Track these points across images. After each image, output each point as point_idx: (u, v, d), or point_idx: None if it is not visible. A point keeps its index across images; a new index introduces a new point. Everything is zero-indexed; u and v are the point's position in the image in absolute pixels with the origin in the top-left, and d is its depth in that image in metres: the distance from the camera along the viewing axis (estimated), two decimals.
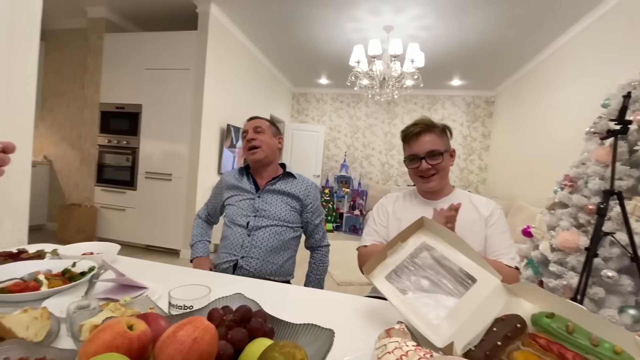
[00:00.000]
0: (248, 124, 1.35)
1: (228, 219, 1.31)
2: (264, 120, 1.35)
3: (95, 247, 0.94)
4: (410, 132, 1.07)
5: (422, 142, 1.04)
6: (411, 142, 1.07)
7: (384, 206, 1.18)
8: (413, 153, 1.06)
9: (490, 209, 1.05)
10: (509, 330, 0.49)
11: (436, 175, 1.05)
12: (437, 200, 1.08)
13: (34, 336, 0.49)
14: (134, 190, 3.63)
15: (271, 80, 5.16)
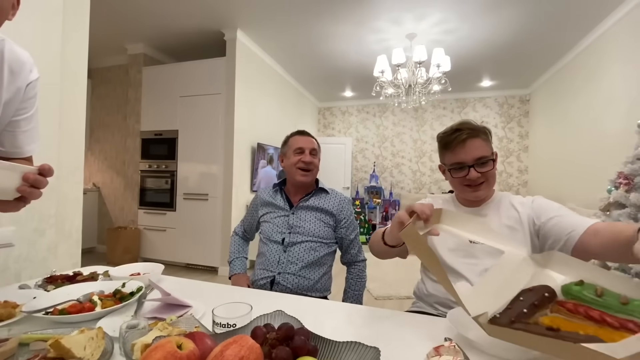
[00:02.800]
0: (303, 141, 1.34)
1: (264, 236, 1.32)
2: (314, 141, 1.36)
3: (142, 267, 0.98)
4: (454, 138, 0.96)
5: (469, 148, 0.94)
6: (456, 149, 0.96)
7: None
8: (459, 161, 0.96)
9: (530, 204, 0.96)
10: (536, 299, 0.50)
11: (485, 184, 0.96)
12: (479, 207, 1.02)
13: (90, 356, 0.52)
14: (174, 211, 3.82)
15: (297, 97, 5.29)
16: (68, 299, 0.74)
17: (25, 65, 0.73)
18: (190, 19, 3.24)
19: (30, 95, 0.75)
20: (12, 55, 0.70)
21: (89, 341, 0.53)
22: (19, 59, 0.72)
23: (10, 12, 0.63)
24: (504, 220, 0.94)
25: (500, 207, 0.98)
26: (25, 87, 0.73)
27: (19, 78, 0.72)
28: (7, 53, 0.69)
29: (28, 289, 0.85)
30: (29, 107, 0.75)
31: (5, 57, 0.69)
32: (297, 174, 1.32)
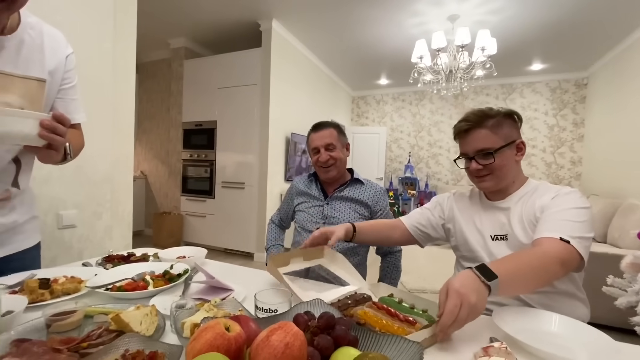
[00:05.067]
0: (317, 138, 1.30)
1: (299, 225, 1.34)
2: (333, 130, 1.31)
3: (187, 251, 1.04)
4: (458, 128, 0.94)
5: (470, 139, 0.90)
6: (460, 140, 0.94)
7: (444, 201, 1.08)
8: (462, 152, 0.94)
9: (553, 193, 0.85)
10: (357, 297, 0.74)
11: (490, 176, 0.90)
12: (502, 200, 0.94)
13: (145, 330, 0.56)
14: (213, 199, 4.00)
15: (331, 86, 5.24)
16: (124, 277, 0.81)
17: (61, 40, 0.84)
18: (228, 11, 3.31)
19: (70, 67, 0.86)
20: (50, 32, 0.82)
21: (144, 317, 0.57)
22: (55, 36, 0.83)
23: None
24: (524, 216, 0.86)
25: (527, 200, 0.88)
26: (65, 59, 0.84)
27: (58, 51, 0.83)
28: (45, 31, 0.80)
29: (90, 267, 0.94)
30: (71, 77, 0.87)
31: (45, 34, 0.79)
32: (320, 172, 1.34)
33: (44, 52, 0.79)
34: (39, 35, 0.78)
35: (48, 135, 0.64)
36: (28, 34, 0.76)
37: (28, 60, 0.75)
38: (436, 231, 1.06)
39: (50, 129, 0.64)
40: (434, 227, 1.06)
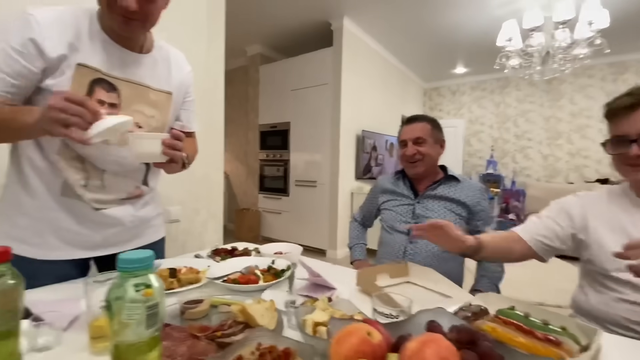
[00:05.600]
0: (407, 132, 1.24)
1: (386, 224, 1.30)
2: (426, 124, 1.23)
3: (284, 247, 1.08)
4: (617, 105, 0.77)
5: (634, 118, 0.74)
6: (620, 119, 0.77)
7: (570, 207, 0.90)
8: (620, 134, 0.77)
9: None
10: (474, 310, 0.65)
11: None
12: None
13: (268, 324, 0.58)
14: (287, 197, 4.17)
15: (401, 80, 5.04)
16: (233, 269, 0.87)
17: (183, 60, 0.96)
18: (301, 14, 3.40)
19: (190, 83, 0.97)
20: (175, 53, 0.94)
21: (265, 311, 0.59)
22: (179, 56, 0.95)
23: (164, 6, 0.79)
24: None
25: None
26: (187, 76, 0.96)
27: (182, 69, 0.94)
28: (171, 52, 0.92)
29: (202, 259, 1.03)
30: (191, 92, 0.99)
31: (171, 54, 0.91)
32: (405, 167, 1.27)
33: (171, 70, 0.90)
34: (166, 55, 0.89)
35: (170, 152, 0.72)
36: (159, 54, 0.87)
37: (159, 76, 0.86)
38: (564, 243, 0.88)
39: (171, 146, 0.72)
40: (561, 239, 0.88)
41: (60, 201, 0.77)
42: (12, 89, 0.68)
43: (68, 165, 0.76)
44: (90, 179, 0.79)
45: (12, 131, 0.67)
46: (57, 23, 0.70)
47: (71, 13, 0.73)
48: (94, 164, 0.79)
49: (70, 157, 0.76)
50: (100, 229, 0.83)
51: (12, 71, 0.67)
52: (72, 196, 0.78)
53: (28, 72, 0.68)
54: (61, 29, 0.70)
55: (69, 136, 0.59)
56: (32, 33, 0.67)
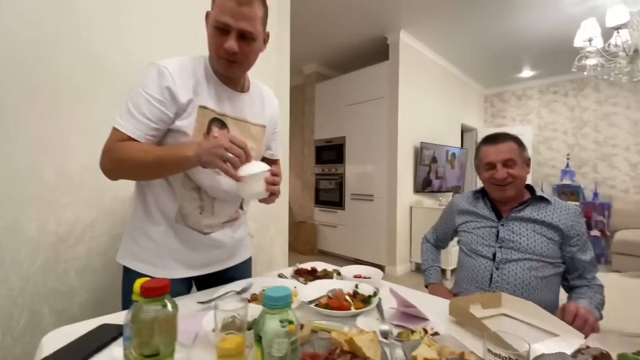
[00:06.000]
0: (493, 152, 1.16)
1: (466, 247, 1.24)
2: (513, 144, 1.16)
3: (363, 270, 1.09)
4: None
5: None
6: None
7: None
8: None
9: None
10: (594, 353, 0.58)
11: None
12: None
13: (373, 356, 0.59)
14: (343, 210, 4.20)
15: (460, 87, 4.83)
16: (320, 292, 0.89)
17: (273, 95, 1.05)
18: (356, 32, 3.46)
19: (278, 115, 1.06)
20: (266, 89, 1.03)
21: (370, 343, 0.60)
22: (269, 92, 1.04)
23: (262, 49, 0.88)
24: None
25: None
26: (276, 109, 1.05)
27: (272, 104, 1.03)
28: (263, 89, 1.02)
29: (285, 278, 1.08)
30: (279, 123, 1.08)
31: (263, 91, 1.01)
32: (493, 190, 1.19)
33: (264, 105, 0.99)
34: (260, 92, 0.99)
35: (271, 188, 0.78)
36: (255, 91, 0.97)
37: (256, 111, 0.96)
38: None
39: (272, 182, 0.78)
40: None
41: (175, 227, 0.88)
42: (153, 132, 0.79)
43: (188, 195, 0.87)
44: (205, 206, 0.89)
45: (167, 166, 0.77)
46: (183, 72, 0.81)
47: (190, 61, 0.84)
48: (208, 193, 0.89)
49: (190, 188, 0.86)
50: (206, 250, 0.93)
51: (154, 117, 0.78)
52: (183, 223, 0.88)
53: (166, 117, 0.79)
54: (186, 76, 0.81)
55: (224, 170, 0.69)
56: (167, 82, 0.78)
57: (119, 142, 0.77)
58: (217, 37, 0.78)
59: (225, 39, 0.77)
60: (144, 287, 0.45)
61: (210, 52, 0.83)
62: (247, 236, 1.08)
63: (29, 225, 1.17)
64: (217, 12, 0.77)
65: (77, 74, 1.27)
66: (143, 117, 0.77)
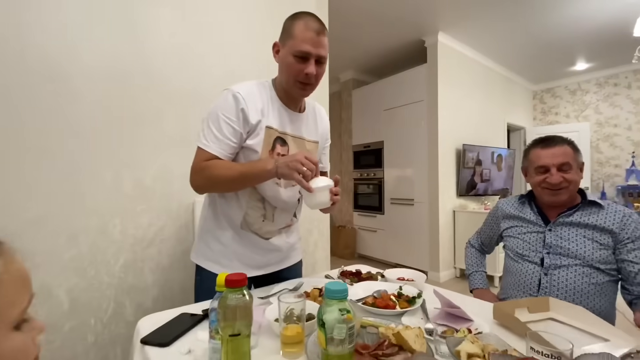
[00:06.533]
0: (547, 156, 1.13)
1: (512, 252, 1.23)
2: (567, 148, 1.13)
3: (406, 273, 1.14)
4: None
5: None
6: None
7: None
8: None
9: None
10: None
11: None
12: None
13: (419, 349, 0.65)
14: (382, 214, 4.20)
15: (505, 85, 4.62)
16: (366, 292, 0.96)
17: (324, 112, 1.16)
18: (392, 37, 3.49)
19: (328, 130, 1.17)
20: (318, 107, 1.13)
21: (415, 337, 0.66)
22: (321, 109, 1.14)
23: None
24: None
25: None
26: (326, 124, 1.15)
27: (323, 120, 1.14)
28: (316, 107, 1.12)
29: (332, 280, 1.16)
30: (329, 138, 1.18)
31: (316, 109, 1.12)
32: (544, 195, 1.16)
33: (317, 122, 1.10)
34: (313, 110, 1.10)
35: (335, 198, 0.88)
36: (309, 110, 1.07)
37: (310, 129, 1.07)
38: None
39: (335, 193, 0.88)
40: None
41: (240, 233, 1.00)
42: (233, 150, 0.92)
43: (253, 205, 0.99)
44: (267, 215, 1.01)
45: (249, 179, 0.89)
46: (252, 96, 0.92)
47: (257, 86, 0.96)
48: (270, 203, 1.00)
49: (256, 199, 0.99)
50: (265, 253, 1.04)
51: (233, 137, 0.90)
52: (248, 229, 1.01)
53: (241, 136, 0.91)
54: (255, 100, 0.93)
55: (298, 180, 0.80)
56: (241, 105, 0.89)
57: (206, 161, 0.89)
58: (297, 64, 0.88)
59: (305, 65, 0.88)
60: (228, 279, 0.55)
61: (286, 77, 0.93)
62: (298, 241, 1.19)
63: (114, 230, 1.38)
64: (296, 42, 0.87)
65: (150, 100, 1.47)
66: (225, 138, 0.89)
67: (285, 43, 0.91)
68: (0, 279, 0.33)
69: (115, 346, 1.38)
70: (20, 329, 0.35)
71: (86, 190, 1.31)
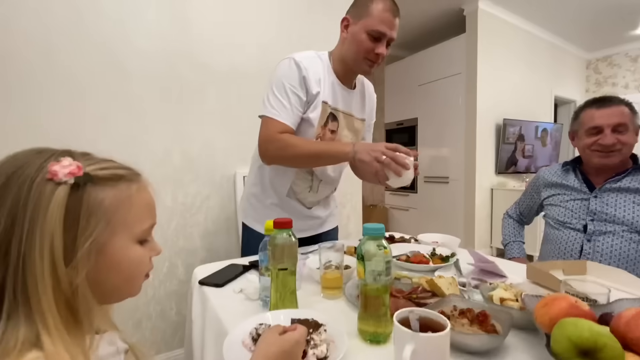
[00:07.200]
0: (601, 116, 1.06)
1: (553, 220, 1.20)
2: (624, 108, 1.05)
3: (439, 237, 1.16)
4: None
5: None
6: None
7: None
8: None
9: None
10: None
11: None
12: None
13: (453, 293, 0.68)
14: (415, 193, 4.14)
15: (553, 55, 4.25)
16: (399, 252, 1.00)
17: (372, 89, 1.16)
18: (427, 6, 3.33)
19: (374, 109, 1.17)
20: (368, 85, 1.13)
21: (448, 285, 0.70)
22: (370, 87, 1.15)
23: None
24: None
25: None
26: (374, 101, 1.16)
27: (371, 98, 1.15)
28: (365, 84, 1.12)
29: None
30: (374, 116, 1.19)
31: (365, 87, 1.12)
32: (593, 157, 1.10)
33: (365, 100, 1.11)
34: (362, 87, 1.10)
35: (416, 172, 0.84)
36: (359, 88, 1.08)
37: (359, 106, 1.09)
38: None
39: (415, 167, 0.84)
40: None
41: (284, 200, 1.07)
42: (298, 120, 0.93)
43: (302, 177, 1.04)
44: (312, 187, 1.08)
45: (323, 159, 0.90)
46: (313, 66, 0.93)
47: (314, 58, 0.96)
48: (317, 176, 1.06)
49: (305, 171, 1.04)
50: (306, 220, 1.12)
51: (299, 106, 0.92)
52: (293, 198, 1.08)
53: (303, 105, 0.92)
54: (315, 70, 0.94)
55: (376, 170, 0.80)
56: (303, 73, 0.91)
57: (280, 133, 0.88)
58: (370, 42, 0.88)
59: (377, 45, 0.89)
60: (276, 221, 0.62)
61: (354, 53, 0.92)
62: (335, 208, 1.26)
63: (166, 197, 1.53)
64: (374, 21, 0.87)
65: (194, 78, 1.57)
66: (292, 107, 0.90)
67: (359, 20, 0.90)
68: (132, 200, 0.41)
69: (170, 300, 1.55)
70: (142, 246, 0.43)
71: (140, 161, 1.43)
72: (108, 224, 0.37)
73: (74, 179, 0.35)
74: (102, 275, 0.38)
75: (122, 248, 0.39)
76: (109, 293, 0.40)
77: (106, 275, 0.39)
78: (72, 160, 0.36)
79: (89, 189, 0.36)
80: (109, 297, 0.41)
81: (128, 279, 0.42)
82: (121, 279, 0.41)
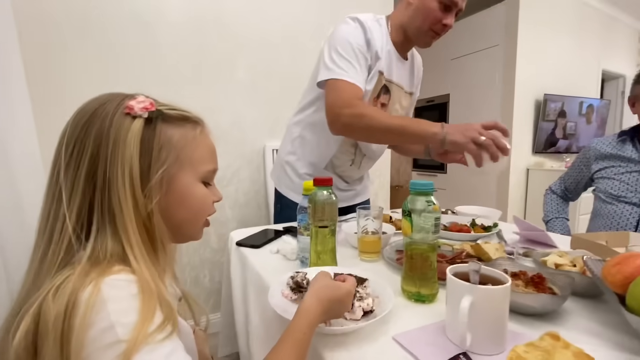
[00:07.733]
0: None
1: (605, 194, 1.11)
2: None
3: (478, 210, 1.12)
4: None
5: None
6: None
7: None
8: None
9: None
10: None
11: None
12: None
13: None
14: (444, 174, 4.01)
15: (603, 25, 3.87)
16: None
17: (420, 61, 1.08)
18: None
19: (420, 82, 1.11)
20: (417, 56, 1.05)
21: (496, 250, 0.66)
22: (418, 58, 1.07)
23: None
24: None
25: None
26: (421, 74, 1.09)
27: (419, 70, 1.08)
28: (415, 55, 1.04)
29: (397, 212, 1.19)
30: (418, 91, 1.13)
31: (415, 58, 1.04)
32: None
33: (414, 72, 1.04)
34: (412, 59, 1.02)
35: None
36: (411, 59, 1.01)
37: (409, 79, 1.02)
38: None
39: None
40: None
41: (321, 172, 1.03)
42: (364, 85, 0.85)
43: (345, 149, 0.99)
44: (355, 161, 1.04)
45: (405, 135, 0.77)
46: (374, 30, 0.86)
47: (375, 22, 0.88)
48: (361, 150, 1.02)
49: (349, 144, 0.99)
50: (342, 192, 1.09)
51: (366, 70, 0.85)
52: (331, 171, 1.04)
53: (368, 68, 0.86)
54: (376, 36, 0.86)
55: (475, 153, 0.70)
56: (368, 35, 0.85)
57: (359, 100, 0.81)
58: (439, 12, 0.81)
59: (446, 15, 0.82)
60: (317, 179, 0.61)
61: (420, 22, 0.85)
62: (369, 182, 1.24)
63: None
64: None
65: (224, 49, 1.55)
66: (360, 68, 0.83)
67: None
68: (197, 140, 0.44)
69: (204, 268, 1.61)
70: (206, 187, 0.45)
71: None
72: (177, 159, 0.40)
73: (147, 113, 0.39)
74: (171, 208, 0.41)
75: (188, 184, 0.42)
76: (177, 228, 0.43)
77: (175, 209, 0.42)
78: (146, 97, 0.40)
79: (160, 124, 0.40)
80: (176, 233, 0.43)
81: (194, 215, 0.44)
82: (187, 214, 0.44)
